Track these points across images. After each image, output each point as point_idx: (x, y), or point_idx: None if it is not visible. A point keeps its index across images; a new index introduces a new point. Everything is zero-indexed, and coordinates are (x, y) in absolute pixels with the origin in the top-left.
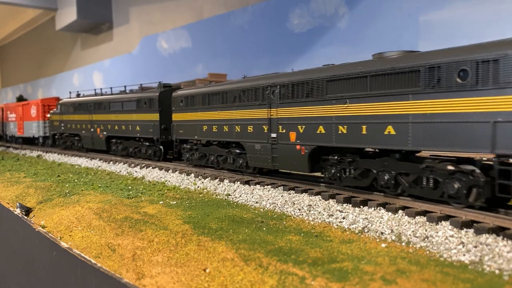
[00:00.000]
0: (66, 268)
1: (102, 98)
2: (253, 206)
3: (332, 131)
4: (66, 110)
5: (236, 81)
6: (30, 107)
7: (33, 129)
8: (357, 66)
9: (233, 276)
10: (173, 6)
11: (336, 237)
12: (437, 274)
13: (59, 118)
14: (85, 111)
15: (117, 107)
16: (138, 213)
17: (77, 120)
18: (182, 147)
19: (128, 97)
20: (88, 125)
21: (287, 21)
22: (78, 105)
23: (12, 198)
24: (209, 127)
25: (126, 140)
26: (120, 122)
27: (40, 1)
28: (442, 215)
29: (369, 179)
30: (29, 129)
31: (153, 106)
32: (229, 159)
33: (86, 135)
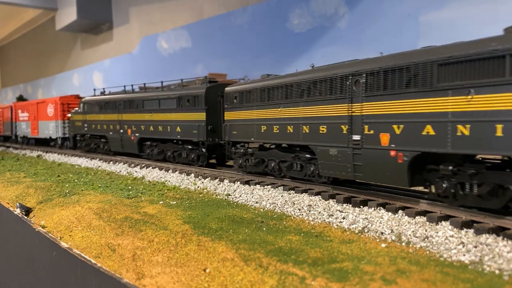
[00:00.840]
0: (66, 268)
1: (134, 95)
2: (253, 206)
3: (448, 132)
4: (90, 109)
5: (304, 72)
6: (47, 105)
7: (50, 129)
8: (488, 43)
9: (233, 276)
10: (173, 6)
11: (336, 237)
12: (437, 274)
13: (82, 118)
14: (113, 110)
15: (152, 105)
16: (138, 213)
17: (103, 120)
18: (233, 151)
19: (167, 95)
20: (117, 125)
21: (287, 21)
22: (105, 103)
23: (12, 198)
24: (269, 128)
25: (163, 142)
26: (156, 122)
27: (40, 1)
28: (442, 215)
29: (503, 198)
30: (44, 130)
31: (198, 104)
32: (295, 166)
33: (114, 136)
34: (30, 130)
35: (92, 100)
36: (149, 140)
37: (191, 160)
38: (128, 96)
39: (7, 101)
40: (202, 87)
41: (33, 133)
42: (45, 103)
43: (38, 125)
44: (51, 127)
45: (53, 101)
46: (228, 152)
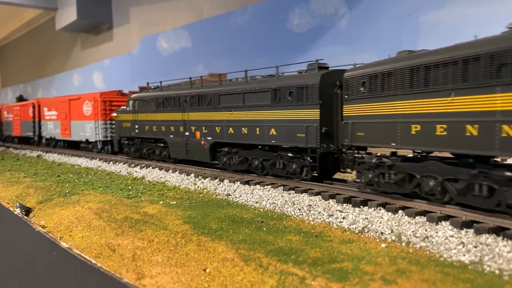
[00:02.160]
0: (66, 268)
1: (207, 89)
2: (253, 206)
3: None
4: (142, 107)
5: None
6: (82, 103)
7: (87, 131)
8: None
9: (233, 276)
10: (173, 6)
11: (336, 237)
12: (437, 274)
13: (132, 117)
14: (176, 108)
15: (233, 101)
16: (138, 213)
17: (161, 120)
18: (357, 160)
19: (257, 87)
20: (180, 127)
21: (287, 21)
22: (164, 100)
23: (12, 198)
24: (427, 127)
25: (246, 148)
26: (238, 123)
27: (40, 1)
28: (442, 215)
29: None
30: (79, 131)
31: (308, 98)
32: (482, 191)
33: (177, 140)
34: (59, 131)
35: (146, 97)
36: (227, 146)
37: (292, 173)
38: (198, 90)
39: (7, 101)
40: (315, 75)
41: (63, 134)
42: (80, 100)
43: (70, 125)
44: (89, 128)
45: (92, 97)
46: (348, 161)
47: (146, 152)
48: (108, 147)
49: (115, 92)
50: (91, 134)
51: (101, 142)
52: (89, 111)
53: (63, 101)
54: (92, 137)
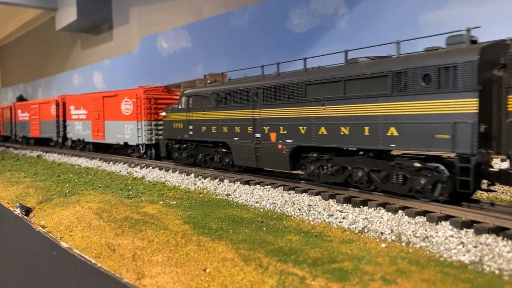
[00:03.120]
0: (66, 268)
1: (287, 79)
2: (253, 206)
3: None
4: (199, 104)
5: None
6: (120, 100)
7: (127, 133)
8: None
9: (233, 276)
10: (173, 6)
11: (336, 237)
12: (437, 274)
13: (185, 117)
14: (242, 104)
15: (327, 91)
16: (138, 213)
17: (222, 119)
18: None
19: (369, 71)
20: (248, 127)
21: (287, 21)
22: (227, 94)
23: (12, 198)
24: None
25: (342, 155)
26: (335, 120)
27: (40, 1)
28: (442, 215)
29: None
30: (116, 133)
31: (459, 83)
32: None
33: (243, 144)
34: (90, 132)
35: (203, 92)
36: (314, 151)
37: (418, 190)
38: (274, 80)
39: (7, 101)
40: (470, 50)
41: (95, 136)
42: (117, 97)
43: (104, 126)
44: (129, 129)
45: (133, 94)
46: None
47: (202, 159)
48: (151, 152)
49: (160, 88)
50: (132, 137)
51: (145, 146)
52: (129, 110)
53: (95, 98)
54: (133, 139)
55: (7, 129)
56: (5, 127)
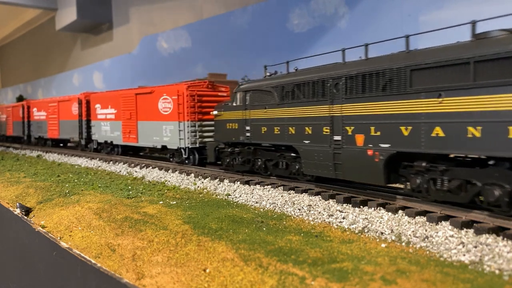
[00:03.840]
0: (66, 268)
1: (380, 65)
2: (253, 206)
3: None
4: (259, 100)
5: None
6: (157, 98)
7: (166, 135)
8: None
9: (233, 276)
10: (173, 6)
11: (336, 237)
12: (437, 274)
13: (241, 115)
14: (316, 99)
15: (445, 78)
16: (138, 213)
17: (289, 118)
18: None
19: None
20: (325, 127)
21: (287, 21)
22: (295, 87)
23: (12, 198)
24: None
25: (462, 165)
26: (459, 117)
27: (40, 1)
28: (442, 215)
29: None
30: (152, 135)
31: None
32: None
33: (317, 149)
34: (120, 134)
35: (265, 85)
36: (422, 159)
37: None
38: (361, 67)
39: (7, 101)
40: None
41: (127, 139)
42: (154, 95)
43: (137, 127)
44: (168, 131)
45: (174, 91)
46: None
47: (262, 165)
48: (195, 157)
49: (204, 83)
50: (172, 139)
51: (188, 151)
52: (168, 108)
53: (126, 95)
54: (174, 142)
55: (18, 129)
56: (16, 127)
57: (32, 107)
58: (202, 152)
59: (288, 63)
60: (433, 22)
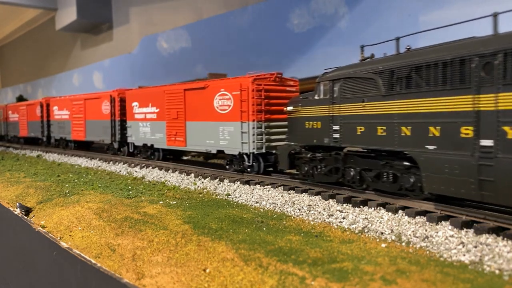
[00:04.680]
0: (66, 268)
1: None
2: (253, 206)
3: None
4: (352, 91)
5: None
6: (212, 94)
7: (223, 137)
8: None
9: (233, 276)
10: (173, 6)
11: (336, 237)
12: (437, 274)
13: (326, 112)
14: (450, 86)
15: None
16: (138, 213)
17: (402, 114)
18: None
19: None
20: (464, 127)
21: (287, 21)
22: (412, 71)
23: (12, 198)
24: None
25: None
26: None
27: (40, 1)
28: (442, 215)
29: None
30: (204, 138)
31: None
32: None
33: (452, 157)
34: (163, 136)
35: (363, 71)
36: None
37: None
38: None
39: (7, 101)
40: None
41: (172, 142)
42: (208, 90)
43: (185, 129)
44: (226, 133)
45: (235, 85)
46: None
47: (356, 176)
48: (260, 164)
49: (272, 76)
50: (232, 143)
51: (252, 157)
52: (227, 106)
53: (173, 92)
54: (234, 147)
55: (35, 129)
56: (32, 127)
57: (52, 105)
58: (267, 158)
59: (398, 40)
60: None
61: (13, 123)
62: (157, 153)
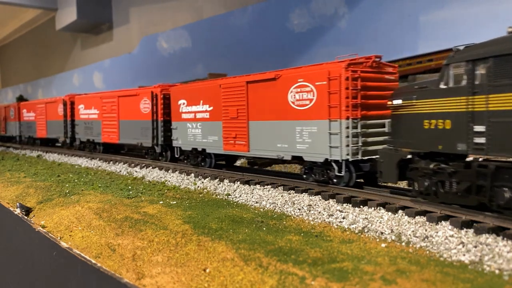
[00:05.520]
0: (66, 268)
1: None
2: (253, 206)
3: None
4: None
5: None
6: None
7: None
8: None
9: (233, 276)
10: (173, 6)
11: (336, 237)
12: (437, 274)
13: (463, 105)
14: None
15: None
16: (138, 213)
17: None
18: None
19: None
20: None
21: (287, 21)
22: None
23: (12, 198)
24: None
25: None
26: None
27: (40, 1)
28: (442, 215)
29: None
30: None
31: None
32: None
33: None
34: (218, 139)
35: None
36: None
37: None
38: None
39: (7, 101)
40: None
41: (229, 146)
42: (279, 82)
43: (248, 130)
44: (306, 135)
45: (320, 73)
46: None
47: None
48: (352, 174)
49: (368, 60)
50: (315, 147)
51: (344, 164)
52: (308, 101)
53: (231, 85)
54: (318, 151)
55: (56, 130)
56: (52, 127)
57: (78, 103)
58: (358, 166)
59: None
60: (433, 22)
61: (28, 123)
62: (209, 160)
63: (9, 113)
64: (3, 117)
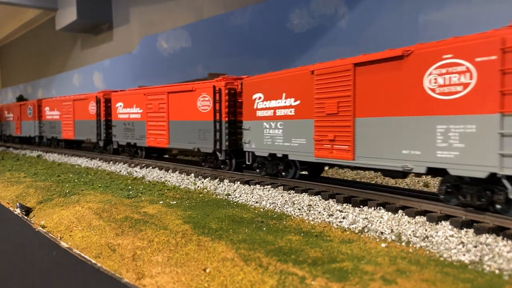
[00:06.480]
0: (66, 268)
1: None
2: (253, 206)
3: None
4: None
5: None
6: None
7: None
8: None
9: (233, 276)
10: (173, 6)
11: (336, 237)
12: (437, 274)
13: None
14: None
15: None
16: (138, 213)
17: None
18: None
19: None
20: None
21: (287, 21)
22: None
23: (12, 198)
24: None
25: None
26: None
27: (40, 1)
28: (442, 215)
29: None
30: (400, 145)
31: None
32: None
33: None
34: (307, 142)
35: None
36: None
37: None
38: None
39: (7, 101)
40: None
41: (323, 152)
42: (408, 62)
43: (353, 130)
44: (453, 137)
45: (473, 46)
46: None
47: None
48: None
49: None
50: (471, 155)
51: None
52: (461, 86)
53: (327, 71)
54: (477, 162)
55: (85, 131)
56: (80, 128)
57: (115, 101)
58: None
59: None
60: (433, 22)
61: (52, 122)
62: (292, 170)
63: (25, 112)
64: (17, 116)
